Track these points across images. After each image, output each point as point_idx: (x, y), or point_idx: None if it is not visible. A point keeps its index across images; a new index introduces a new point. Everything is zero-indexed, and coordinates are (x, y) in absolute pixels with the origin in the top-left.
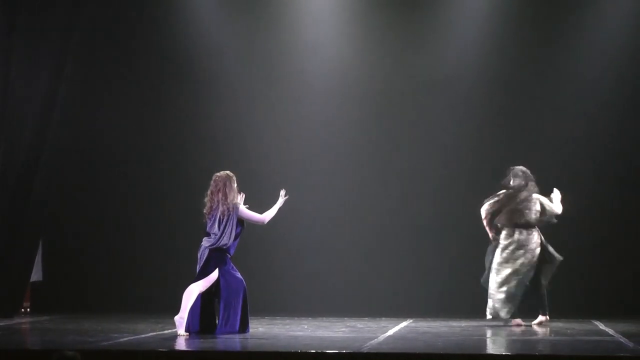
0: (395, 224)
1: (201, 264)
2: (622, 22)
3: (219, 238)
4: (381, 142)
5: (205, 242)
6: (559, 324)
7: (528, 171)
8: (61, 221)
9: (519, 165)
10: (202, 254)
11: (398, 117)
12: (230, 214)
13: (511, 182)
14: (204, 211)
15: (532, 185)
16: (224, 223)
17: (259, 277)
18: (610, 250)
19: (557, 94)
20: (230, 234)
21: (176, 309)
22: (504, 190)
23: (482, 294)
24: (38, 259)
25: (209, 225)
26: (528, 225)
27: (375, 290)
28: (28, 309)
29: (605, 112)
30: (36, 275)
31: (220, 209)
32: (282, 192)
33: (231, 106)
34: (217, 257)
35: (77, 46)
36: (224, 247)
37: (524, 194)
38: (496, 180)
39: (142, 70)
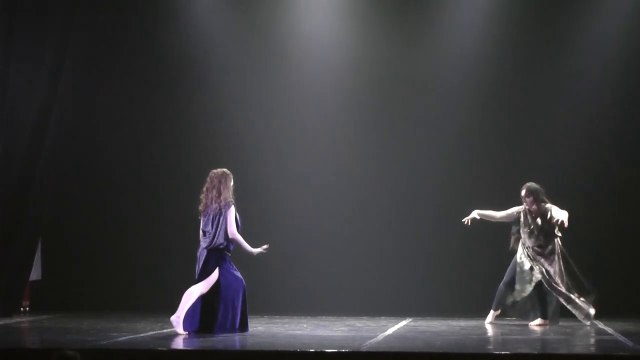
0: (395, 223)
1: (200, 264)
2: (622, 23)
3: (214, 237)
4: (380, 141)
5: (203, 242)
6: (558, 323)
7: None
8: (60, 220)
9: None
10: (201, 254)
11: (399, 117)
12: (222, 212)
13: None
14: (199, 208)
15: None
16: (216, 221)
17: (258, 276)
18: (608, 250)
19: (557, 94)
20: (226, 233)
21: (175, 308)
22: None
23: (481, 293)
24: (37, 257)
25: (203, 222)
26: None
27: (374, 289)
28: (27, 308)
29: (606, 113)
30: (35, 274)
31: (213, 206)
32: (265, 246)
33: (230, 106)
34: (217, 256)
35: (75, 46)
36: (221, 246)
37: None
38: (495, 180)
39: (141, 70)
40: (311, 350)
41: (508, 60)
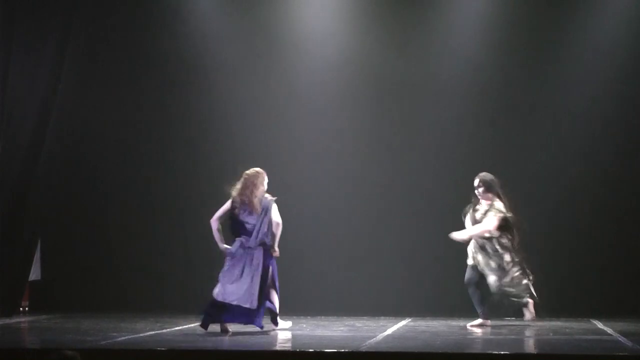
0: (394, 222)
1: (253, 265)
2: (622, 23)
3: (259, 232)
4: (380, 141)
5: (245, 239)
6: (558, 323)
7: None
8: (60, 220)
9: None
10: (247, 253)
11: (399, 117)
12: (266, 210)
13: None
14: (234, 204)
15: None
16: (261, 218)
17: None
18: (608, 250)
19: (557, 94)
20: (269, 229)
21: (175, 308)
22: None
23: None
24: (37, 258)
25: (241, 214)
26: None
27: (374, 289)
28: (27, 308)
29: (605, 113)
30: (35, 274)
31: (255, 205)
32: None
33: (229, 106)
34: (266, 253)
35: (76, 45)
36: (265, 239)
37: None
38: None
39: (142, 69)
40: (310, 350)
41: (508, 61)
